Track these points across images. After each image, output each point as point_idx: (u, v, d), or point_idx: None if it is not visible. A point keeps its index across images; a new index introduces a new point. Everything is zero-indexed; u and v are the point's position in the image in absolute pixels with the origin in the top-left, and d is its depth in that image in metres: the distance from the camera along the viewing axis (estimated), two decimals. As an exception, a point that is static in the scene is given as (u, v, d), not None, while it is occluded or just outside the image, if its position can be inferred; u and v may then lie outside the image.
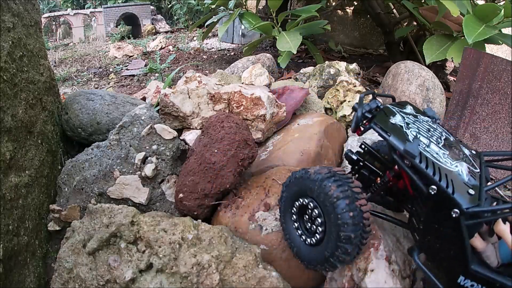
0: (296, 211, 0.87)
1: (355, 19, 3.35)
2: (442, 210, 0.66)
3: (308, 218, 0.84)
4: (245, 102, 1.41)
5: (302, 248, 0.87)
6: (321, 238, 0.79)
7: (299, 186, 0.84)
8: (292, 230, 0.90)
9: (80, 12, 6.40)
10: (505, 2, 1.83)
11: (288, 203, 0.89)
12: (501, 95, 1.42)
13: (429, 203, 0.68)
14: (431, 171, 0.67)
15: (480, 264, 0.67)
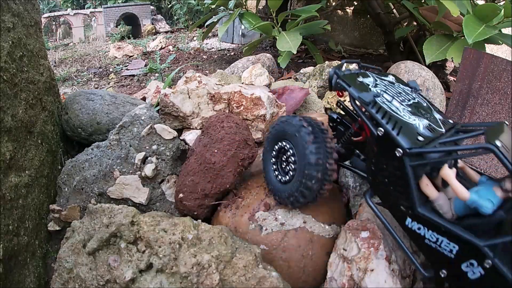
0: (276, 153, 0.98)
1: (355, 19, 3.35)
2: (389, 151, 0.72)
3: (285, 160, 0.96)
4: (245, 102, 1.41)
5: (276, 185, 0.99)
6: (292, 176, 0.92)
7: (282, 130, 0.95)
8: (270, 169, 1.01)
9: (80, 12, 6.41)
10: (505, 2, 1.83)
11: (271, 145, 1.00)
12: (501, 95, 1.42)
13: (378, 144, 0.75)
14: (380, 116, 0.75)
15: (431, 210, 0.70)
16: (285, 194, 0.94)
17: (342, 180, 1.31)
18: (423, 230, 0.72)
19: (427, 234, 0.72)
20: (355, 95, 0.81)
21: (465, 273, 0.68)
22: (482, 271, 0.66)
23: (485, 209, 0.67)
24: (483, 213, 0.67)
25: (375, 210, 0.79)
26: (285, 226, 1.02)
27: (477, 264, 0.66)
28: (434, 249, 0.72)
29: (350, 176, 1.28)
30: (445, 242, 0.70)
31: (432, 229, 0.71)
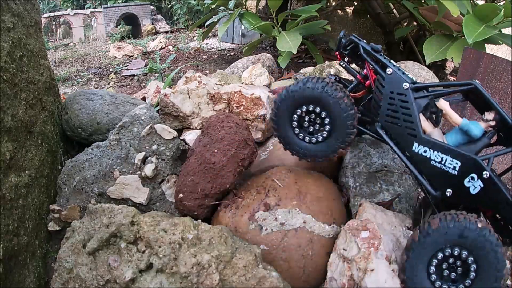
0: (297, 119, 1.01)
1: (355, 19, 3.35)
2: (397, 86, 0.89)
3: (310, 122, 1.01)
4: (245, 102, 1.41)
5: (309, 147, 1.02)
6: (329, 133, 0.97)
7: (297, 98, 0.98)
8: (293, 137, 1.03)
9: (80, 12, 6.41)
10: (505, 2, 1.83)
11: (286, 116, 1.02)
12: (501, 95, 1.42)
13: (387, 82, 0.91)
14: (387, 61, 0.93)
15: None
16: (327, 150, 0.99)
17: (342, 180, 1.31)
18: (429, 152, 0.84)
19: (432, 155, 0.84)
20: (367, 46, 0.97)
21: (467, 189, 0.81)
22: (482, 183, 0.79)
23: (474, 131, 0.84)
24: (473, 136, 0.84)
25: (384, 137, 0.93)
26: (285, 226, 1.02)
27: (477, 177, 0.80)
28: (439, 169, 0.84)
29: (350, 176, 1.28)
30: (449, 160, 0.82)
31: (437, 150, 0.83)
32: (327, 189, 1.14)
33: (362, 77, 1.02)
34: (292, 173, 1.17)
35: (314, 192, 1.10)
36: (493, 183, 0.79)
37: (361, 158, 1.32)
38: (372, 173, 1.28)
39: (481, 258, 0.76)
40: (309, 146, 1.02)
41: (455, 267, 0.79)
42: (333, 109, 0.94)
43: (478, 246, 0.76)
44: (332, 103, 0.93)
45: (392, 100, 0.90)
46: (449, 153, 0.83)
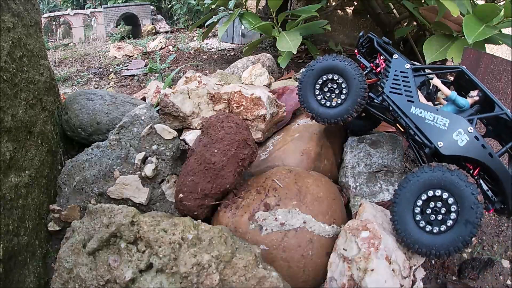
0: (319, 86, 1.21)
1: (355, 19, 3.35)
2: (401, 66, 1.13)
3: (331, 90, 1.21)
4: (245, 102, 1.41)
5: (325, 111, 1.20)
6: (345, 97, 1.17)
7: (326, 66, 1.19)
8: (314, 101, 1.22)
9: (80, 12, 6.41)
10: (505, 2, 1.83)
11: (311, 82, 1.21)
12: (501, 95, 1.42)
13: (393, 64, 1.14)
14: (394, 50, 1.18)
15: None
16: (340, 113, 1.17)
17: (342, 180, 1.31)
18: (424, 113, 1.04)
19: (426, 115, 1.03)
20: (379, 40, 1.24)
21: (455, 142, 0.98)
22: (467, 137, 0.97)
23: (460, 101, 1.04)
24: (460, 105, 1.04)
25: (389, 102, 1.12)
26: (285, 226, 1.02)
27: (463, 132, 0.97)
28: (432, 126, 1.02)
29: (350, 176, 1.28)
30: (439, 119, 1.01)
31: (430, 111, 1.03)
32: (327, 189, 1.14)
33: (375, 65, 1.24)
34: (292, 173, 1.17)
35: (314, 192, 1.10)
36: (477, 138, 0.96)
37: (361, 158, 1.32)
38: (372, 173, 1.28)
39: (456, 195, 0.89)
40: (328, 110, 1.21)
41: (437, 210, 0.92)
42: (351, 79, 1.15)
43: (452, 184, 0.89)
44: (352, 74, 1.15)
45: (396, 77, 1.13)
46: (439, 114, 1.02)
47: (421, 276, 0.98)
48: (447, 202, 0.90)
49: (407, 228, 0.92)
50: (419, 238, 0.90)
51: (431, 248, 0.89)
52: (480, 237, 1.25)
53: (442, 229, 0.89)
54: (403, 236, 0.92)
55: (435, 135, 1.00)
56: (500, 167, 0.95)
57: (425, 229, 0.91)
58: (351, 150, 1.35)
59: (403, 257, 0.94)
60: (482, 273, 1.14)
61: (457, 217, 0.88)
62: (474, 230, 0.86)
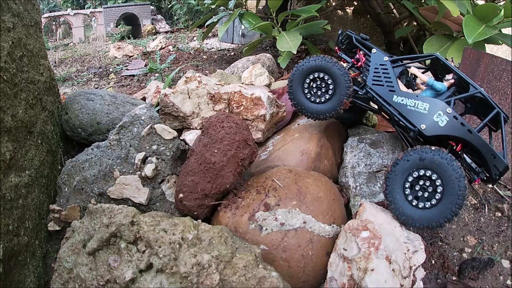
0: (308, 83, 1.29)
1: (355, 19, 3.35)
2: (380, 60, 1.20)
3: (319, 86, 1.28)
4: (245, 102, 1.41)
5: (314, 107, 1.28)
6: (331, 96, 1.26)
7: (314, 66, 1.26)
8: (303, 98, 1.30)
9: (80, 12, 6.41)
10: (505, 2, 1.83)
11: (301, 78, 1.29)
12: (501, 95, 1.42)
13: (373, 58, 1.22)
14: (372, 45, 1.25)
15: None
16: (330, 109, 1.26)
17: (342, 180, 1.31)
18: (405, 100, 1.12)
19: (407, 102, 1.12)
20: (357, 36, 1.30)
21: (436, 123, 1.07)
22: (447, 117, 1.06)
23: (437, 85, 1.13)
24: (437, 89, 1.13)
25: (373, 94, 1.19)
26: (285, 226, 1.02)
27: (443, 113, 1.06)
28: (414, 111, 1.11)
29: (350, 176, 1.28)
30: (420, 104, 1.10)
31: (410, 98, 1.12)
32: (327, 189, 1.14)
33: (355, 60, 1.32)
34: (292, 173, 1.17)
35: (314, 192, 1.10)
36: (456, 117, 1.05)
37: (361, 158, 1.32)
38: (372, 173, 1.28)
39: (441, 172, 0.98)
40: (318, 106, 1.28)
41: (425, 187, 1.01)
42: (335, 74, 1.23)
43: (436, 164, 0.98)
44: (335, 70, 1.23)
45: (377, 69, 1.20)
46: (419, 99, 1.11)
47: (421, 276, 0.98)
48: (432, 179, 0.99)
49: (400, 205, 1.03)
50: (412, 213, 1.01)
51: (424, 221, 0.99)
52: (480, 237, 1.25)
53: (433, 203, 0.99)
54: (397, 213, 1.03)
55: (417, 119, 1.10)
56: (479, 141, 1.04)
57: (418, 206, 1.02)
58: (351, 150, 1.35)
59: (403, 257, 0.94)
60: (482, 273, 1.14)
61: (443, 191, 0.98)
62: (460, 201, 0.95)
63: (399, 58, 1.21)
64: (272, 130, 1.53)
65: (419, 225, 0.99)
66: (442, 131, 1.06)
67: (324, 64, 1.25)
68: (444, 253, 1.20)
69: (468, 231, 1.27)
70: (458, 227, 1.28)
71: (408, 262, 0.94)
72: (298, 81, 1.30)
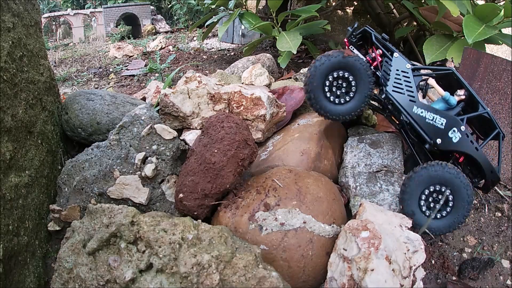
0: (330, 82, 1.23)
1: (355, 19, 3.35)
2: (402, 65, 1.20)
3: (339, 87, 1.24)
4: (245, 102, 1.41)
5: (332, 107, 1.25)
6: (354, 95, 1.23)
7: (334, 65, 1.21)
8: (324, 99, 1.25)
9: (80, 12, 6.42)
10: (505, 2, 1.83)
11: (322, 77, 1.22)
12: (501, 95, 1.42)
13: (394, 62, 1.20)
14: (394, 48, 1.22)
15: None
16: (349, 111, 1.24)
17: (342, 180, 1.31)
18: (425, 113, 1.16)
19: (427, 115, 1.15)
20: (378, 35, 1.25)
21: (451, 138, 1.14)
22: (460, 134, 1.14)
23: (452, 100, 1.18)
24: (451, 104, 1.18)
25: (393, 100, 1.19)
26: (285, 226, 1.02)
27: (457, 130, 1.14)
28: (432, 125, 1.15)
29: (350, 176, 1.28)
30: (438, 118, 1.15)
31: (430, 111, 1.15)
32: (327, 189, 1.14)
33: (371, 58, 1.28)
34: (292, 173, 1.17)
35: (314, 192, 1.10)
36: (467, 135, 1.14)
37: (361, 158, 1.32)
38: (372, 173, 1.28)
39: (453, 187, 1.09)
40: (338, 107, 1.26)
41: (438, 200, 1.11)
42: (361, 74, 1.21)
43: (448, 179, 1.08)
44: (361, 69, 1.20)
45: (398, 76, 1.19)
46: (438, 114, 1.15)
47: (421, 276, 0.98)
48: (445, 193, 1.10)
49: (416, 215, 1.11)
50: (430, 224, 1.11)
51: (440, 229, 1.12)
52: (480, 237, 1.25)
53: (445, 213, 1.12)
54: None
55: (434, 133, 1.15)
56: (483, 158, 1.15)
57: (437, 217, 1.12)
58: (351, 150, 1.35)
59: (403, 257, 0.94)
60: (482, 273, 1.14)
61: (454, 201, 1.11)
62: (469, 208, 1.10)
63: (419, 67, 1.22)
64: (272, 130, 1.53)
65: (438, 233, 1.12)
66: (455, 147, 1.14)
67: (347, 61, 1.19)
68: (444, 253, 1.20)
69: (468, 231, 1.27)
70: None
71: (408, 262, 0.94)
72: (319, 82, 1.22)
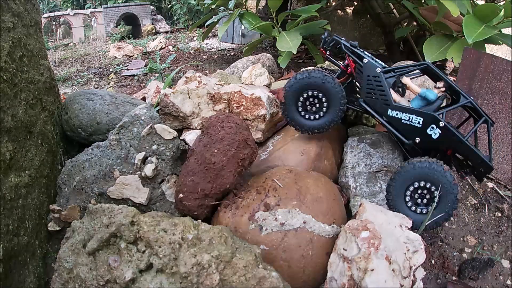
0: (302, 101, 1.29)
1: (355, 19, 3.35)
2: (372, 71, 1.19)
3: (312, 104, 1.29)
4: (245, 102, 1.41)
5: (304, 122, 1.30)
6: (325, 112, 1.27)
7: (305, 83, 1.25)
8: (297, 114, 1.30)
9: (80, 12, 6.42)
10: (505, 2, 1.83)
11: (294, 97, 1.28)
12: (501, 95, 1.42)
13: (364, 69, 1.20)
14: (362, 52, 1.22)
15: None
16: (320, 126, 1.28)
17: (342, 180, 1.31)
18: (400, 114, 1.15)
19: (402, 116, 1.15)
20: (346, 43, 1.26)
21: (430, 136, 1.12)
22: (439, 130, 1.11)
23: (430, 95, 1.14)
24: (429, 99, 1.14)
25: (367, 108, 1.22)
26: (285, 226, 1.02)
27: (436, 126, 1.11)
28: (408, 125, 1.15)
29: (350, 176, 1.28)
30: (414, 118, 1.13)
31: (405, 111, 1.15)
32: (327, 189, 1.14)
33: (345, 66, 1.30)
34: (292, 173, 1.17)
35: (314, 192, 1.10)
36: (448, 129, 1.10)
37: (361, 158, 1.32)
38: (372, 173, 1.28)
39: (437, 184, 1.07)
40: (312, 123, 1.30)
41: (423, 195, 1.10)
42: (330, 92, 1.24)
43: (432, 176, 1.07)
44: (330, 88, 1.23)
45: (369, 81, 1.20)
46: (413, 113, 1.14)
47: (421, 276, 0.98)
48: (431, 189, 1.09)
49: (401, 210, 1.11)
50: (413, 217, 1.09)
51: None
52: (480, 237, 1.25)
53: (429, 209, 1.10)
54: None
55: (412, 132, 1.15)
56: (468, 149, 1.12)
57: (416, 211, 1.11)
58: (351, 150, 1.35)
59: (403, 257, 0.94)
60: (482, 273, 1.14)
61: (440, 197, 1.08)
62: (455, 204, 1.07)
63: (391, 69, 1.20)
64: (272, 130, 1.53)
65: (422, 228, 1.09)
66: (435, 143, 1.13)
67: (315, 81, 1.23)
68: (444, 253, 1.20)
69: (468, 231, 1.27)
70: (458, 227, 1.28)
71: (408, 262, 0.94)
72: (292, 101, 1.29)
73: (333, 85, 1.22)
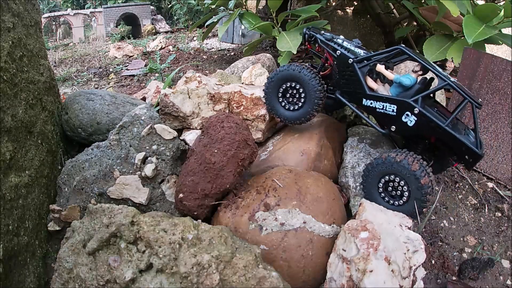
0: (282, 91, 1.32)
1: (355, 19, 3.35)
2: (345, 62, 1.18)
3: (292, 96, 1.32)
4: (245, 102, 1.41)
5: (286, 114, 1.33)
6: (303, 104, 1.29)
7: (285, 75, 1.29)
8: (277, 104, 1.34)
9: (80, 12, 6.42)
10: (505, 2, 1.83)
11: (276, 87, 1.32)
12: (501, 95, 1.41)
13: (338, 60, 1.21)
14: (335, 45, 1.23)
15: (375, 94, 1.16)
16: (298, 116, 1.31)
17: (342, 180, 1.31)
18: (374, 103, 1.14)
19: (376, 104, 1.14)
20: (321, 37, 1.28)
21: (405, 123, 1.09)
22: (415, 117, 1.06)
23: (405, 81, 1.10)
24: (405, 85, 1.11)
25: (342, 99, 1.24)
26: (285, 226, 1.02)
27: (410, 113, 1.07)
28: (383, 113, 1.13)
29: (350, 176, 1.28)
30: (388, 106, 1.11)
31: (378, 100, 1.13)
32: (327, 189, 1.14)
33: (325, 59, 1.31)
34: (292, 173, 1.17)
35: (314, 192, 1.10)
36: (424, 115, 1.05)
37: (361, 158, 1.32)
38: (372, 173, 1.28)
39: (405, 178, 1.05)
40: (289, 113, 1.33)
41: (395, 188, 1.09)
42: (307, 84, 1.25)
43: (399, 171, 1.05)
44: (306, 80, 1.25)
45: (343, 72, 1.20)
46: (387, 101, 1.11)
47: (421, 276, 0.98)
48: (400, 183, 1.07)
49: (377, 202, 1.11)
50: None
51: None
52: (480, 237, 1.25)
53: (403, 201, 1.08)
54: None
55: (387, 121, 1.13)
56: (448, 136, 1.05)
57: (389, 203, 1.11)
58: (351, 150, 1.35)
59: (403, 257, 0.93)
60: (482, 273, 1.14)
61: (409, 191, 1.06)
62: (425, 198, 1.04)
63: (364, 58, 1.17)
64: (272, 130, 1.53)
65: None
66: (411, 131, 1.09)
67: (291, 73, 1.26)
68: (444, 253, 1.20)
69: (468, 231, 1.27)
70: (458, 227, 1.28)
71: (408, 262, 0.94)
72: (273, 92, 1.33)
73: (310, 77, 1.23)
